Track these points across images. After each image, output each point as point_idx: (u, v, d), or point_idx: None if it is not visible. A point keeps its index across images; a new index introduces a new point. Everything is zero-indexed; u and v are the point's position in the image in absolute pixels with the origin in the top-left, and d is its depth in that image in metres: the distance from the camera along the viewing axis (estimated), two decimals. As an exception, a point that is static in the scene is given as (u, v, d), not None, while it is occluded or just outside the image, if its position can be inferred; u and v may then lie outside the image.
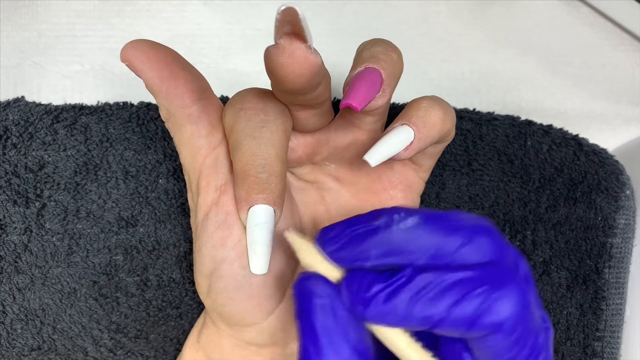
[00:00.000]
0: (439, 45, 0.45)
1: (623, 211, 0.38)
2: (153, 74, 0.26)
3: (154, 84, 0.26)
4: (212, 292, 0.28)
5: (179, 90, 0.26)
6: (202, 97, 0.27)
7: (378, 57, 0.26)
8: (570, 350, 0.38)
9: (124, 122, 0.36)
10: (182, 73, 0.27)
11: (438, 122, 0.27)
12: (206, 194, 0.27)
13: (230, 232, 0.27)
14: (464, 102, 0.43)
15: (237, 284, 0.28)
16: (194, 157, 0.27)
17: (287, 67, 0.22)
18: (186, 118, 0.27)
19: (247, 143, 0.25)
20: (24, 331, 0.35)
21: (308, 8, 0.46)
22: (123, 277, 0.36)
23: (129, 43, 0.26)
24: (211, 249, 0.27)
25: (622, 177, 0.38)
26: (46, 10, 0.44)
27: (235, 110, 0.26)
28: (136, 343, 0.36)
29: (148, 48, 0.26)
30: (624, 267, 0.38)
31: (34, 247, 0.35)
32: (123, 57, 0.26)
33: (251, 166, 0.25)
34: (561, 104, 0.44)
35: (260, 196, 0.26)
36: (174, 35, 0.46)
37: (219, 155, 0.27)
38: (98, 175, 0.36)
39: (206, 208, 0.27)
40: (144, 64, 0.26)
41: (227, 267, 0.27)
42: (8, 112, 0.36)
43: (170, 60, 0.26)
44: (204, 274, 0.28)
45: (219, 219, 0.27)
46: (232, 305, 0.28)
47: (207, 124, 0.27)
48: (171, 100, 0.26)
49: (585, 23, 0.45)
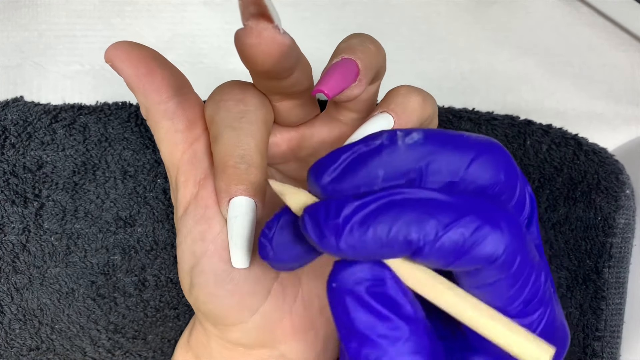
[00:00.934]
0: (439, 45, 0.45)
1: (623, 211, 0.38)
2: (131, 72, 0.26)
3: (131, 81, 0.27)
4: (194, 289, 0.28)
5: (155, 86, 0.27)
6: (178, 93, 0.27)
7: (354, 48, 0.26)
8: (570, 350, 0.38)
9: (122, 122, 0.36)
10: (158, 70, 0.27)
11: (417, 107, 0.26)
12: (185, 189, 0.27)
13: (209, 226, 0.27)
14: (463, 102, 0.43)
15: (218, 279, 0.27)
16: (171, 152, 0.27)
17: (256, 47, 0.22)
18: (162, 114, 0.27)
19: (227, 134, 0.26)
20: (22, 331, 0.35)
21: (308, 8, 0.46)
22: (121, 277, 0.36)
23: (113, 44, 0.27)
24: (190, 243, 0.27)
25: (622, 176, 0.38)
26: (46, 10, 0.44)
27: (215, 101, 0.27)
28: (134, 344, 0.36)
29: (129, 48, 0.27)
30: (624, 267, 0.38)
31: (32, 247, 0.35)
32: (106, 57, 0.26)
33: (230, 157, 0.25)
34: (561, 104, 0.43)
35: (240, 187, 0.25)
36: (174, 35, 0.46)
37: (196, 151, 0.27)
38: (96, 175, 0.36)
39: (185, 203, 0.27)
40: (124, 62, 0.26)
41: (207, 261, 0.27)
42: (7, 112, 0.36)
43: (148, 58, 0.27)
44: (185, 269, 0.28)
45: (197, 212, 0.27)
46: (214, 302, 0.27)
47: (184, 119, 0.27)
48: (148, 96, 0.27)
49: (585, 23, 0.45)
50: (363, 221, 0.18)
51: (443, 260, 0.19)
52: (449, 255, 0.18)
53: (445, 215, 0.18)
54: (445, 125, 0.39)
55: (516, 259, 0.19)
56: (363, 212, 0.18)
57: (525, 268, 0.20)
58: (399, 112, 0.26)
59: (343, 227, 0.18)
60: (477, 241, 0.18)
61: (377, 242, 0.18)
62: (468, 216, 0.18)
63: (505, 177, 0.20)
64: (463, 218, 0.18)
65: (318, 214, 0.19)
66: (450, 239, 0.18)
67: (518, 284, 0.20)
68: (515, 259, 0.19)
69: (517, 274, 0.19)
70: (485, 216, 0.19)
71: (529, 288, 0.20)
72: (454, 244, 0.18)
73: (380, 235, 0.18)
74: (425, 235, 0.18)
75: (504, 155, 0.20)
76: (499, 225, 0.19)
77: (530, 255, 0.20)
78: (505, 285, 0.20)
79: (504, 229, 0.19)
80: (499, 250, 0.18)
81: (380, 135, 0.20)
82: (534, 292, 0.20)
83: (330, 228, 0.19)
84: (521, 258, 0.19)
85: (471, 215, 0.18)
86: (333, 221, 0.18)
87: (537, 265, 0.20)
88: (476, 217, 0.18)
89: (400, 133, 0.20)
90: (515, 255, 0.19)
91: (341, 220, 0.18)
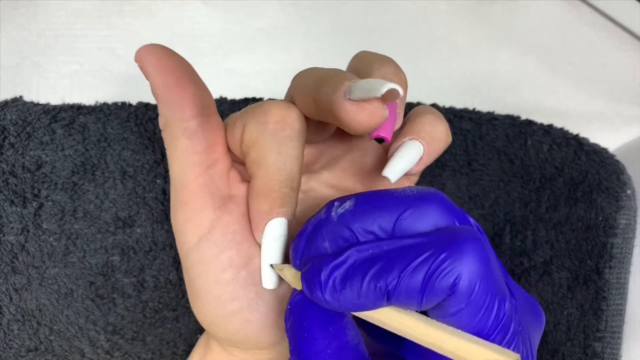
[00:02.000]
0: (439, 44, 0.45)
1: (624, 211, 0.38)
2: (159, 80, 0.25)
3: (158, 89, 0.26)
4: (224, 318, 0.27)
5: (181, 101, 0.26)
6: (202, 112, 0.26)
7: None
8: (571, 350, 0.37)
9: (122, 122, 0.36)
10: (188, 84, 0.26)
11: (443, 137, 0.28)
12: (200, 216, 0.26)
13: (238, 251, 0.27)
14: (464, 101, 0.43)
15: (252, 303, 0.27)
16: (184, 172, 0.26)
17: (364, 123, 0.23)
18: (182, 131, 0.26)
19: (273, 158, 0.25)
20: (20, 332, 0.35)
21: (308, 8, 0.46)
22: (120, 277, 0.36)
23: (146, 45, 0.26)
24: (218, 271, 0.26)
25: (623, 176, 0.38)
26: (46, 9, 0.44)
27: (260, 123, 0.26)
28: (133, 345, 0.36)
29: (162, 53, 0.26)
30: (625, 267, 0.38)
31: (31, 247, 0.35)
32: (137, 57, 0.26)
33: (276, 182, 0.25)
34: (562, 103, 0.43)
35: (281, 210, 0.26)
36: (174, 35, 0.46)
37: (213, 176, 0.27)
38: (95, 175, 0.36)
39: (203, 230, 0.26)
40: (154, 68, 0.25)
41: (239, 287, 0.27)
42: (6, 112, 0.35)
43: (180, 70, 0.26)
44: (209, 301, 0.27)
45: (224, 239, 0.26)
46: (248, 328, 0.27)
47: (203, 141, 0.26)
48: (171, 110, 0.26)
49: (585, 23, 0.45)
50: (343, 277, 0.21)
51: (414, 300, 0.21)
52: (414, 294, 0.20)
53: (404, 258, 0.21)
54: (446, 125, 0.39)
55: (474, 288, 0.20)
56: (340, 270, 0.22)
57: (487, 295, 0.21)
58: (429, 141, 0.27)
59: (326, 283, 0.22)
60: (435, 276, 0.20)
61: (355, 293, 0.21)
62: (422, 255, 0.20)
63: (439, 222, 0.22)
64: (417, 258, 0.20)
65: (307, 274, 0.22)
66: (409, 281, 0.20)
67: (481, 313, 0.21)
68: (473, 287, 0.20)
69: (477, 302, 0.21)
70: (439, 250, 0.20)
71: (494, 316, 0.21)
72: (414, 283, 0.20)
73: (356, 287, 0.21)
74: (389, 282, 0.21)
75: (436, 202, 0.22)
76: (453, 255, 0.20)
77: (495, 280, 0.21)
78: (467, 315, 0.21)
79: (462, 257, 0.20)
80: (454, 281, 0.20)
81: (321, 210, 0.23)
82: (497, 323, 0.21)
83: (315, 285, 0.22)
84: (481, 285, 0.20)
85: (424, 254, 0.20)
86: (317, 278, 0.22)
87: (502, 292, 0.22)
88: (429, 255, 0.20)
89: (337, 203, 0.23)
90: (472, 284, 0.20)
91: (322, 277, 0.22)
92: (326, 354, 0.22)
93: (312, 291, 0.22)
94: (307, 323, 0.23)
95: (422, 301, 0.21)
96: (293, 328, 0.23)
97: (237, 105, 0.38)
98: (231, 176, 0.28)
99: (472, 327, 0.21)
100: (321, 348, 0.22)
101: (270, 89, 0.45)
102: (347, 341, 0.22)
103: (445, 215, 0.22)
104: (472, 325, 0.21)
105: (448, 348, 0.21)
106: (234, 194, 0.27)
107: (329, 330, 0.22)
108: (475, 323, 0.21)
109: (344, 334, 0.23)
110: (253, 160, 0.26)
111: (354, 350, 0.22)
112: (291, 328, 0.23)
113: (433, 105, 0.39)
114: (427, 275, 0.20)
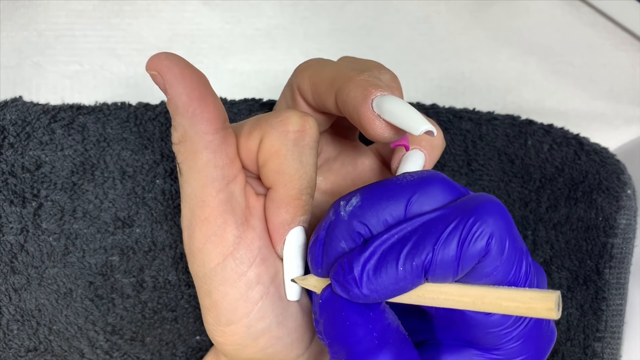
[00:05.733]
0: (439, 45, 0.45)
1: (624, 211, 0.38)
2: (183, 92, 0.24)
3: (180, 102, 0.24)
4: (251, 337, 0.26)
5: (206, 115, 0.25)
6: (223, 127, 0.26)
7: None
8: (571, 350, 0.37)
9: (121, 122, 0.36)
10: (211, 98, 0.25)
11: (441, 144, 0.29)
12: (224, 233, 0.25)
13: (266, 267, 0.26)
14: (463, 101, 0.43)
15: (280, 319, 0.26)
16: (204, 186, 0.25)
17: (387, 139, 0.24)
18: (206, 145, 0.25)
19: (294, 167, 0.26)
20: (20, 332, 0.35)
21: (308, 8, 0.46)
22: (119, 278, 0.36)
23: (163, 53, 0.24)
24: (245, 290, 0.26)
25: (623, 176, 0.38)
26: (46, 10, 0.44)
27: (281, 133, 0.26)
28: (132, 345, 0.36)
29: (184, 65, 0.25)
30: (625, 267, 0.38)
31: (31, 247, 0.35)
32: (153, 65, 0.24)
33: (298, 190, 0.26)
34: (562, 103, 0.43)
35: (302, 218, 0.26)
36: (174, 35, 0.46)
37: (233, 192, 0.26)
38: (95, 175, 0.36)
39: (227, 248, 0.25)
40: (177, 79, 0.24)
41: (268, 304, 0.26)
42: (5, 112, 0.35)
43: (202, 83, 0.25)
44: (236, 320, 0.26)
45: (250, 255, 0.26)
46: (276, 345, 0.27)
47: (225, 156, 0.25)
48: (195, 124, 0.25)
49: (585, 23, 0.44)
50: (376, 267, 0.22)
51: (450, 269, 0.21)
52: (450, 263, 0.21)
53: (433, 232, 0.21)
54: (446, 125, 0.39)
55: (505, 245, 0.21)
56: (372, 261, 0.22)
57: (515, 250, 0.22)
58: (429, 149, 0.28)
59: (360, 277, 0.22)
60: (468, 241, 0.21)
61: (392, 278, 0.22)
62: (451, 224, 0.21)
63: (446, 198, 0.23)
64: (447, 228, 0.21)
65: (338, 275, 0.23)
66: (443, 252, 0.21)
67: (514, 268, 0.22)
68: (504, 245, 0.21)
69: (509, 257, 0.21)
70: (466, 216, 0.21)
71: (524, 269, 0.22)
72: (449, 253, 0.21)
73: (391, 273, 0.22)
74: (424, 258, 0.21)
75: (439, 182, 0.23)
76: (481, 218, 0.21)
77: (519, 236, 0.22)
78: (502, 272, 0.22)
79: (487, 220, 0.21)
80: (488, 242, 0.21)
81: (328, 213, 0.24)
82: (527, 273, 0.22)
83: (350, 282, 0.22)
84: (510, 242, 0.21)
85: (452, 223, 0.21)
86: (350, 275, 0.22)
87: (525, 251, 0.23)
88: (457, 223, 0.21)
89: (343, 202, 0.23)
90: (503, 242, 0.21)
91: (355, 272, 0.22)
92: (372, 337, 0.22)
93: (348, 290, 0.22)
94: (345, 313, 0.23)
95: (459, 269, 0.21)
96: (330, 324, 0.23)
97: (237, 106, 0.38)
98: (248, 191, 0.27)
99: (507, 282, 0.22)
100: (366, 331, 0.22)
101: (270, 89, 0.45)
102: (388, 323, 0.23)
103: (450, 191, 0.23)
104: (507, 281, 0.22)
105: (489, 301, 0.21)
106: (253, 208, 0.27)
107: (369, 315, 0.23)
108: (510, 277, 0.22)
109: (384, 317, 0.23)
110: (274, 170, 0.26)
111: (397, 331, 0.23)
112: (327, 325, 0.23)
113: (433, 105, 0.39)
114: (460, 241, 0.21)
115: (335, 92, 0.25)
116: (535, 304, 0.20)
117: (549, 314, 0.20)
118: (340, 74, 0.25)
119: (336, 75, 0.26)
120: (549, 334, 0.24)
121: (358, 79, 0.24)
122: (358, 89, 0.24)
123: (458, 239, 0.21)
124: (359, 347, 0.22)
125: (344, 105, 0.25)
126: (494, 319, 0.22)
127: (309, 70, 0.27)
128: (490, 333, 0.23)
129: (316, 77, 0.27)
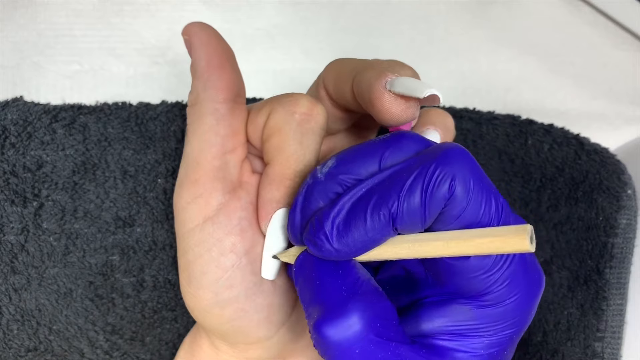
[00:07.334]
0: (439, 45, 0.45)
1: (624, 211, 0.38)
2: (204, 57, 0.26)
3: (199, 66, 0.26)
4: (218, 305, 0.27)
5: (219, 83, 0.27)
6: (234, 99, 0.27)
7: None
8: (571, 350, 0.37)
9: (122, 122, 0.36)
10: (229, 69, 0.27)
11: (453, 128, 0.30)
12: (210, 196, 0.27)
13: (242, 237, 0.27)
14: (464, 101, 0.43)
15: (249, 292, 0.27)
16: (202, 149, 0.27)
17: (395, 116, 0.24)
18: (211, 111, 0.27)
19: (293, 147, 0.26)
20: (20, 332, 0.35)
21: (308, 8, 0.46)
22: (119, 277, 0.36)
23: (199, 22, 0.27)
24: (217, 255, 0.26)
25: (623, 176, 0.38)
26: (45, 9, 0.44)
27: (287, 112, 0.27)
28: (132, 345, 0.36)
29: (213, 34, 0.27)
30: (625, 267, 0.38)
31: (31, 247, 0.35)
32: (186, 30, 0.27)
33: (292, 170, 0.26)
34: (562, 103, 0.43)
35: (290, 199, 0.26)
36: (173, 35, 0.46)
37: (228, 162, 0.27)
38: (96, 174, 0.36)
39: (210, 212, 0.26)
40: (202, 44, 0.26)
41: (238, 274, 0.27)
42: (7, 112, 0.35)
43: (225, 54, 0.27)
44: (206, 285, 0.27)
45: (230, 223, 0.27)
46: (242, 318, 0.27)
47: (228, 126, 0.27)
48: (207, 89, 0.27)
49: (586, 22, 0.45)
50: (345, 220, 0.22)
51: (418, 216, 0.21)
52: (417, 209, 0.21)
53: (397, 182, 0.22)
54: (446, 125, 0.39)
55: (469, 186, 0.21)
56: (341, 215, 0.22)
57: (482, 190, 0.22)
58: (444, 130, 0.30)
59: (331, 232, 0.22)
60: (431, 186, 0.21)
61: (361, 230, 0.22)
62: (412, 173, 0.21)
63: (419, 149, 0.23)
64: (410, 177, 0.21)
65: (309, 233, 0.23)
66: (409, 199, 0.21)
67: (482, 207, 0.22)
68: (469, 185, 0.21)
69: (476, 197, 0.22)
70: (428, 163, 0.21)
71: (494, 208, 0.22)
72: (414, 200, 0.21)
73: (360, 225, 0.22)
74: (390, 206, 0.21)
75: (411, 136, 0.23)
76: (442, 163, 0.21)
77: (485, 177, 0.22)
78: (470, 212, 0.22)
79: (449, 164, 0.21)
80: (451, 184, 0.21)
81: (306, 179, 0.24)
82: (498, 212, 0.22)
83: (321, 238, 0.22)
84: (474, 182, 0.21)
85: (415, 171, 0.21)
86: (321, 232, 0.22)
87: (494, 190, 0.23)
88: (420, 170, 0.21)
89: (319, 167, 0.24)
90: (467, 183, 0.21)
91: (326, 228, 0.22)
92: (342, 291, 0.22)
93: (319, 247, 0.23)
94: (316, 274, 0.23)
95: (426, 215, 0.21)
96: (304, 287, 0.23)
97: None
98: (244, 166, 0.28)
99: (477, 222, 0.22)
100: (335, 287, 0.22)
101: (270, 89, 0.45)
102: (358, 277, 0.23)
103: (422, 142, 0.23)
104: (477, 221, 0.22)
105: (463, 242, 0.21)
106: (245, 182, 0.28)
107: (338, 273, 0.23)
108: (480, 217, 0.22)
109: (354, 272, 0.23)
110: (274, 146, 0.27)
111: (367, 283, 0.23)
112: (302, 289, 0.24)
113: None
114: (424, 188, 0.21)
115: (353, 77, 0.26)
116: (508, 238, 0.20)
117: (522, 245, 0.20)
118: (362, 63, 0.26)
119: (358, 64, 0.26)
120: (536, 275, 0.24)
121: (378, 65, 0.25)
122: (374, 71, 0.24)
123: (421, 186, 0.21)
124: (329, 301, 0.22)
125: (358, 86, 0.25)
126: (473, 264, 0.22)
127: (336, 62, 0.28)
128: (473, 278, 0.22)
129: (340, 67, 0.27)
